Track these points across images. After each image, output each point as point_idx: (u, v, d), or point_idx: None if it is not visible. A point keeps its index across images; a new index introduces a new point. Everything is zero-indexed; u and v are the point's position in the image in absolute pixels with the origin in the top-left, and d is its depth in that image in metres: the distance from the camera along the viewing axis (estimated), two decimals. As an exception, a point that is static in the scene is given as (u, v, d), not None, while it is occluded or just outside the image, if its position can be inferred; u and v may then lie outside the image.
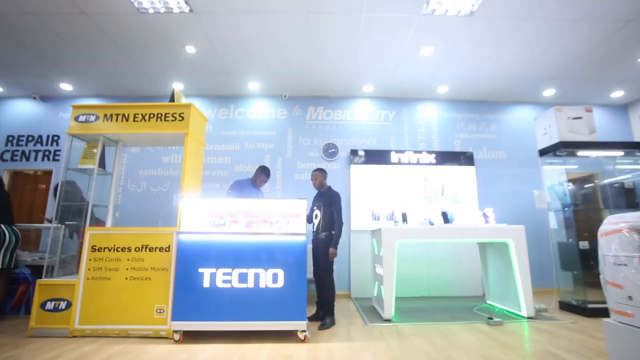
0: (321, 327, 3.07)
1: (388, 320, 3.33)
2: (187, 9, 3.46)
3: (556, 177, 4.28)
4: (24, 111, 5.42)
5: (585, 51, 4.21)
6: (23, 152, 5.27)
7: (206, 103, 5.43)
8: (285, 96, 5.44)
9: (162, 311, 2.77)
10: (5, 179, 5.19)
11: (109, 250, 2.89)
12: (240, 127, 5.36)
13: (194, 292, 2.69)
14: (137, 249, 2.88)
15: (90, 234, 2.92)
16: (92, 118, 3.19)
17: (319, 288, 3.33)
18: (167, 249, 2.88)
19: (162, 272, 2.84)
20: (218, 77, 4.94)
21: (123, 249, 2.88)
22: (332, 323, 3.18)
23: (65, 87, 5.18)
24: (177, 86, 5.16)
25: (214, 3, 3.38)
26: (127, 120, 3.18)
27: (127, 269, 2.85)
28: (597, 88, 5.25)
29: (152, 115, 3.17)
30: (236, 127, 5.35)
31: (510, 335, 2.85)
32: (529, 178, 5.21)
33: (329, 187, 3.50)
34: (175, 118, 3.17)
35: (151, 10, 3.48)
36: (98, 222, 3.63)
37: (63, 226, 3.28)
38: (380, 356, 2.38)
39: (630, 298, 1.44)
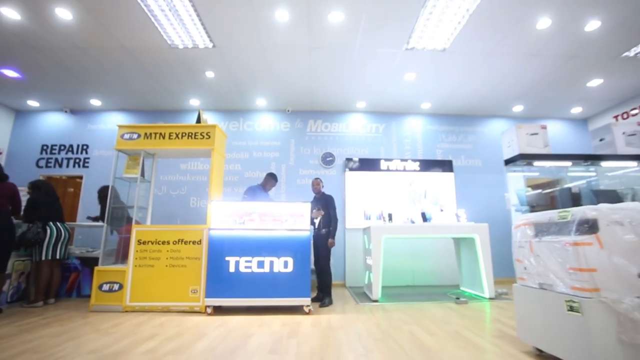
0: (321, 305, 3.82)
1: (375, 301, 4.09)
2: (210, 45, 4.20)
3: (518, 183, 5.08)
4: (56, 123, 6.11)
5: (542, 78, 5.02)
6: (56, 160, 5.94)
7: (219, 116, 6.15)
8: (288, 110, 6.18)
9: (195, 291, 3.49)
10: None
11: (152, 244, 3.61)
12: (249, 138, 6.10)
13: (222, 276, 3.42)
14: (174, 242, 3.61)
15: (137, 230, 3.64)
16: (135, 136, 3.90)
17: (320, 275, 4.07)
18: (199, 242, 3.61)
19: (195, 260, 3.57)
20: (230, 95, 5.67)
21: (163, 242, 3.61)
22: (330, 302, 3.93)
23: (95, 102, 5.87)
24: (194, 102, 5.88)
25: (233, 41, 4.12)
26: (163, 138, 3.91)
27: (167, 259, 3.57)
28: (558, 105, 6.07)
29: (184, 134, 3.90)
30: (245, 138, 6.09)
31: (469, 310, 3.62)
32: (501, 183, 5.99)
33: (323, 192, 4.28)
34: (203, 136, 3.90)
35: (181, 46, 4.22)
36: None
37: (106, 225, 3.98)
38: (367, 322, 3.13)
39: (525, 268, 2.20)
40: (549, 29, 3.84)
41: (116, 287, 3.53)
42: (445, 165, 6.10)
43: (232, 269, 3.44)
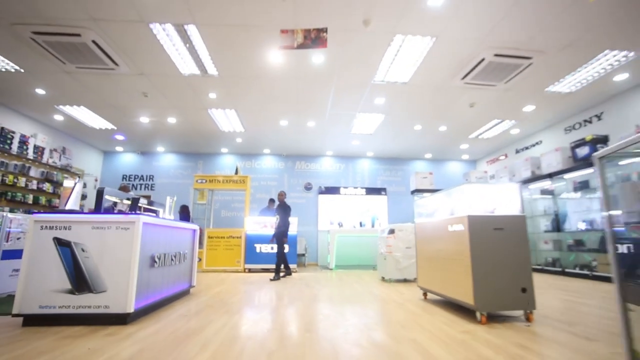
0: (273, 280, 7.29)
1: (331, 269, 7.62)
2: (243, 130, 7.64)
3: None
4: (131, 160, 9.36)
5: (432, 144, 8.73)
6: (132, 185, 9.20)
7: (238, 158, 9.57)
8: (283, 155, 9.66)
9: (239, 261, 6.92)
10: (123, 200, 9.11)
11: (216, 237, 7.01)
12: (257, 172, 9.54)
13: (253, 253, 6.88)
14: (227, 237, 7.02)
15: (208, 230, 7.04)
16: (204, 181, 7.30)
17: (280, 258, 7.46)
18: (239, 237, 7.04)
19: (238, 246, 7.00)
20: (248, 146, 9.11)
21: (222, 237, 7.02)
22: (278, 278, 7.36)
23: (160, 148, 9.18)
24: (224, 149, 9.29)
25: (257, 128, 7.57)
26: (219, 182, 7.32)
27: (224, 245, 6.98)
28: (453, 154, 9.82)
29: (230, 180, 7.33)
30: (255, 172, 9.53)
31: (377, 272, 7.21)
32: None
33: (285, 202, 7.68)
34: (241, 182, 7.33)
35: (226, 131, 7.64)
36: (196, 226, 7.71)
37: (186, 227, 7.33)
38: (325, 276, 6.65)
39: (380, 247, 5.79)
40: (421, 130, 7.52)
41: (198, 260, 6.91)
42: (381, 191, 9.72)
43: (258, 250, 6.91)
